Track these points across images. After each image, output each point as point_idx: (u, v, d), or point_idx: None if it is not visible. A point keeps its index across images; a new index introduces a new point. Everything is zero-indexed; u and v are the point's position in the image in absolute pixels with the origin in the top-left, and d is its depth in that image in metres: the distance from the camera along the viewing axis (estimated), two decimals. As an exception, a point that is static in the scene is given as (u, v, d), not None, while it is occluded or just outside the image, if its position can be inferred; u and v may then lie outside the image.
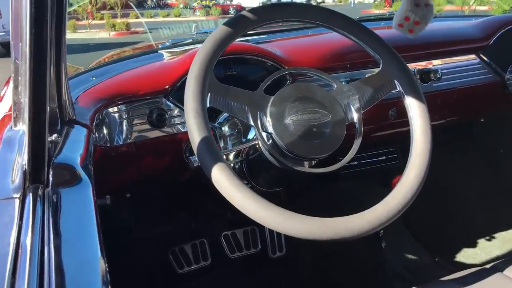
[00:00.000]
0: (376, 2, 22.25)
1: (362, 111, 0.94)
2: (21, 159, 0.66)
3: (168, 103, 1.16)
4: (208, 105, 0.82)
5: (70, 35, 13.35)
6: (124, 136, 1.12)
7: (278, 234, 1.66)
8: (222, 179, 0.74)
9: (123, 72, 1.21)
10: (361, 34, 0.97)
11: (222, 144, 1.14)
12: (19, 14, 0.60)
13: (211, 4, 26.90)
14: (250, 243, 1.61)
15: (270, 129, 0.86)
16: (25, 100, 0.66)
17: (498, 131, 2.12)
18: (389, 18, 1.78)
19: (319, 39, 1.54)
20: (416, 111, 0.94)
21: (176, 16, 22.80)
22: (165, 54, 1.33)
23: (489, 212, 1.99)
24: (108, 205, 0.95)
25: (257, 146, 0.94)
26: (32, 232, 0.55)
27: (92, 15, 14.89)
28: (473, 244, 1.83)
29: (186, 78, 1.17)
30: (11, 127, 0.79)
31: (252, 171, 1.05)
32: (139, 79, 1.19)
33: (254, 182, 1.06)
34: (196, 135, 0.78)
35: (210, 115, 1.19)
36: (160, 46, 1.46)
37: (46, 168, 0.65)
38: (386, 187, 1.56)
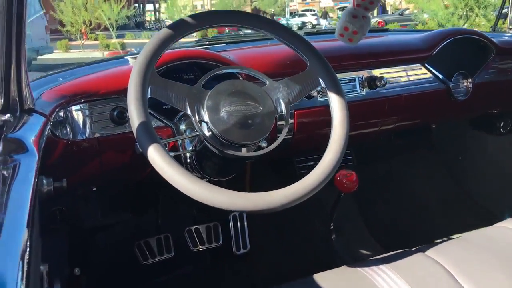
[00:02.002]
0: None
1: (290, 105, 1.06)
2: None
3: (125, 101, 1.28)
4: (148, 96, 0.92)
5: (62, 55, 13.58)
6: (87, 131, 1.19)
7: (242, 230, 1.75)
8: (156, 157, 0.84)
9: (89, 74, 1.30)
10: (290, 38, 1.10)
11: (180, 142, 1.24)
12: None
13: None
14: (212, 237, 1.71)
15: (206, 118, 0.95)
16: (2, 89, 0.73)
17: (452, 137, 2.23)
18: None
19: (272, 49, 1.64)
20: (336, 104, 1.06)
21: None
22: (130, 60, 1.44)
23: (447, 213, 2.06)
24: (64, 187, 1.02)
25: (201, 138, 1.03)
26: None
27: (86, 35, 15.15)
28: (427, 242, 1.93)
29: None
30: None
31: (200, 162, 1.15)
32: (102, 79, 1.28)
33: (204, 173, 1.16)
34: (135, 121, 0.87)
35: (167, 115, 1.28)
36: (128, 54, 1.56)
37: None
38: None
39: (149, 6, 39.52)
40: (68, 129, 1.17)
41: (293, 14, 44.93)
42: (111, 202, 1.59)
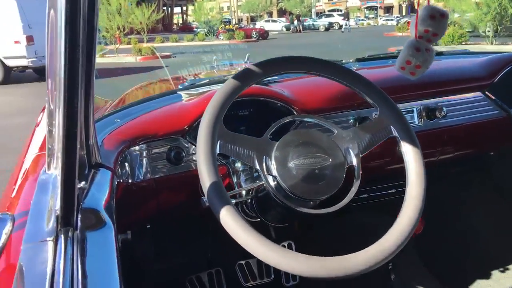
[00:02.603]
0: (398, 25, 22.35)
1: (360, 156, 1.00)
2: (54, 203, 0.71)
3: (185, 142, 1.24)
4: (218, 152, 0.89)
5: (98, 60, 13.64)
6: (144, 172, 1.20)
7: None
8: (229, 220, 0.82)
9: (145, 114, 1.29)
10: (358, 83, 1.05)
11: (235, 179, 1.21)
12: (55, 68, 0.63)
13: (234, 28, 27.46)
14: (263, 272, 1.64)
15: (275, 172, 0.92)
16: (58, 146, 0.70)
17: (510, 165, 2.09)
18: (397, 56, 1.81)
19: (325, 79, 1.63)
20: (411, 156, 0.99)
21: (200, 40, 23.44)
22: (183, 95, 1.40)
23: (503, 244, 1.94)
24: (129, 239, 1.06)
25: (264, 185, 0.99)
26: (63, 272, 0.61)
27: (120, 40, 15.37)
28: (486, 276, 1.81)
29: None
30: (45, 170, 0.84)
31: (261, 207, 1.11)
32: (159, 120, 1.27)
33: (263, 217, 1.13)
34: (206, 179, 0.85)
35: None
36: (179, 87, 1.53)
37: (75, 213, 0.70)
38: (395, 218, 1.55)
39: (177, 9, 39.89)
40: (126, 171, 1.17)
41: (319, 15, 44.62)
42: (164, 236, 1.58)
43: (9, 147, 4.82)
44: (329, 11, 48.84)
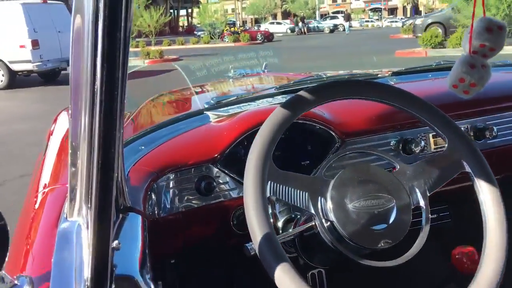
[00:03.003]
0: (404, 27, 22.24)
1: (428, 195, 0.88)
2: (81, 265, 0.61)
3: (216, 170, 1.14)
4: (268, 195, 0.80)
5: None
6: (171, 205, 1.10)
7: None
8: (286, 280, 0.72)
9: (171, 139, 1.18)
10: (425, 112, 0.94)
11: (269, 210, 1.12)
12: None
13: (239, 30, 27.44)
14: None
15: (332, 216, 0.82)
16: (83, 190, 0.59)
17: None
18: (436, 69, 1.69)
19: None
20: (488, 196, 0.87)
21: (205, 43, 23.43)
22: (211, 116, 1.29)
23: None
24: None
25: (312, 225, 0.90)
26: None
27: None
28: None
29: (234, 146, 1.14)
30: (66, 217, 0.72)
31: (304, 247, 1.00)
32: (187, 147, 1.16)
33: (306, 258, 1.02)
34: (257, 230, 0.75)
35: None
36: (204, 105, 1.38)
37: (108, 283, 0.60)
38: (441, 255, 1.40)
39: (182, 12, 40.00)
40: (153, 202, 1.07)
41: (324, 17, 44.60)
42: (189, 273, 1.46)
43: (15, 154, 4.74)
44: (333, 13, 48.88)
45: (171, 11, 33.94)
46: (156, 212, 1.07)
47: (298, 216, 1.03)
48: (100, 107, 0.51)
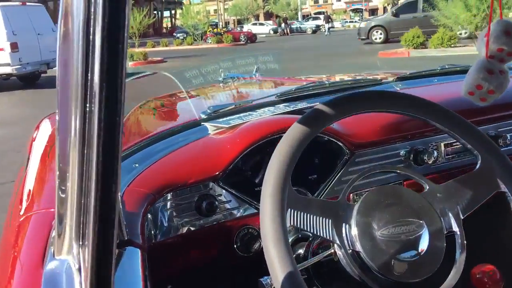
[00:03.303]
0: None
1: (462, 218, 0.81)
2: None
3: (218, 188, 1.06)
4: (288, 225, 0.71)
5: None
6: (169, 228, 1.01)
7: None
8: None
9: (167, 155, 1.08)
10: (455, 125, 0.87)
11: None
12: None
13: (222, 31, 27.32)
14: None
15: (358, 247, 0.74)
16: (74, 217, 0.50)
17: None
18: (441, 73, 1.63)
19: None
20: None
21: (189, 44, 23.25)
22: (210, 127, 1.20)
23: None
24: None
25: (332, 253, 0.82)
26: None
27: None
28: None
29: (237, 161, 1.06)
30: (53, 254, 0.62)
31: (320, 273, 0.93)
32: (186, 164, 1.07)
33: (319, 284, 0.95)
34: (278, 269, 0.67)
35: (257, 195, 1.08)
36: (201, 115, 1.28)
37: None
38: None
39: (166, 13, 39.66)
40: (149, 227, 0.98)
41: (306, 18, 44.79)
42: None
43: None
44: (315, 13, 49.16)
45: (155, 12, 33.67)
46: (152, 236, 0.98)
47: (310, 239, 0.96)
48: (99, 114, 0.42)
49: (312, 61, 11.34)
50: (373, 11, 64.54)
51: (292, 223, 0.72)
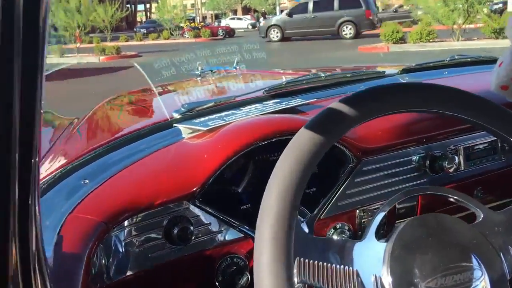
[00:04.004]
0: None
1: None
2: None
3: (194, 208, 0.85)
4: (296, 284, 0.52)
5: (56, 60, 13.09)
6: (129, 264, 0.79)
7: None
8: None
9: (128, 167, 0.86)
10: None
11: None
12: None
13: (200, 26, 26.89)
14: None
15: None
16: None
17: None
18: (450, 65, 1.47)
19: None
20: None
21: (165, 39, 22.76)
22: (183, 130, 1.00)
23: None
24: None
25: None
26: None
27: (80, 39, 14.71)
28: None
29: (219, 174, 0.86)
30: None
31: None
32: (153, 179, 0.84)
33: None
34: None
35: (244, 217, 0.88)
36: (173, 114, 1.07)
37: None
38: None
39: (140, 7, 38.93)
40: (102, 263, 0.76)
41: (284, 12, 44.70)
42: None
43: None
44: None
45: (128, 6, 33.03)
46: (105, 276, 0.75)
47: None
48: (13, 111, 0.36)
49: (296, 55, 11.20)
50: (351, 7, 64.96)
51: (300, 278, 0.51)
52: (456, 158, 1.04)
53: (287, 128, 0.90)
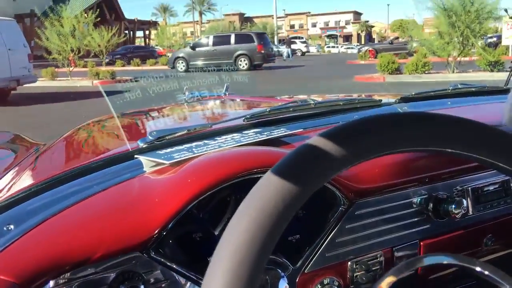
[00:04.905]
0: (360, 53, 22.80)
1: None
2: None
3: (149, 261, 0.70)
4: None
5: (48, 83, 13.06)
6: None
7: None
8: None
9: (65, 209, 0.71)
10: None
11: None
12: None
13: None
14: None
15: None
16: None
17: None
18: (453, 94, 1.36)
19: None
20: None
21: (164, 64, 22.90)
22: (145, 163, 0.86)
23: None
24: None
25: None
26: None
27: (74, 62, 14.71)
28: None
29: (181, 218, 0.71)
30: None
31: None
32: (93, 227, 0.69)
33: None
34: None
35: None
36: (138, 143, 0.93)
37: None
38: None
39: (139, 33, 39.52)
40: None
41: (282, 42, 45.39)
42: None
43: None
44: (291, 38, 49.93)
45: (126, 32, 33.55)
46: None
47: None
48: None
49: (292, 84, 11.21)
50: (347, 37, 66.48)
51: None
52: (464, 201, 0.90)
53: (262, 164, 0.74)
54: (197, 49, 17.46)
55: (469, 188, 0.95)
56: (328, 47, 51.23)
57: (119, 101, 1.16)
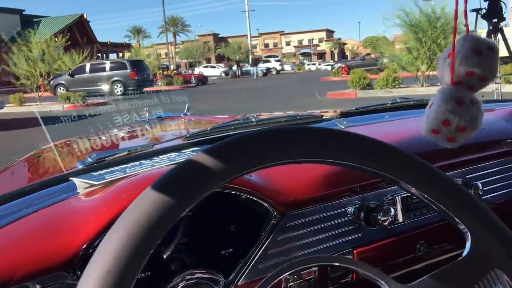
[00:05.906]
0: (334, 70, 23.22)
1: None
2: None
3: (76, 279, 0.69)
4: None
5: (16, 109, 12.79)
6: None
7: None
8: None
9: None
10: (439, 193, 0.56)
11: None
12: None
13: (172, 73, 27.26)
14: None
15: None
16: None
17: None
18: (392, 108, 1.40)
19: None
20: None
21: (137, 87, 22.88)
22: (79, 184, 0.87)
23: None
24: None
25: None
26: None
27: (44, 87, 14.48)
28: None
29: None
30: None
31: None
32: (15, 248, 0.69)
33: None
34: None
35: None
36: (78, 165, 0.95)
37: None
38: None
39: (113, 55, 39.36)
40: None
41: (257, 61, 46.05)
42: None
43: None
44: (265, 57, 50.71)
45: (99, 54, 33.38)
46: None
47: None
48: None
49: (264, 101, 11.26)
50: (321, 55, 67.78)
51: None
52: (393, 209, 0.93)
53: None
54: (75, 76, 18.01)
55: (399, 197, 0.97)
56: (307, 64, 52.25)
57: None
